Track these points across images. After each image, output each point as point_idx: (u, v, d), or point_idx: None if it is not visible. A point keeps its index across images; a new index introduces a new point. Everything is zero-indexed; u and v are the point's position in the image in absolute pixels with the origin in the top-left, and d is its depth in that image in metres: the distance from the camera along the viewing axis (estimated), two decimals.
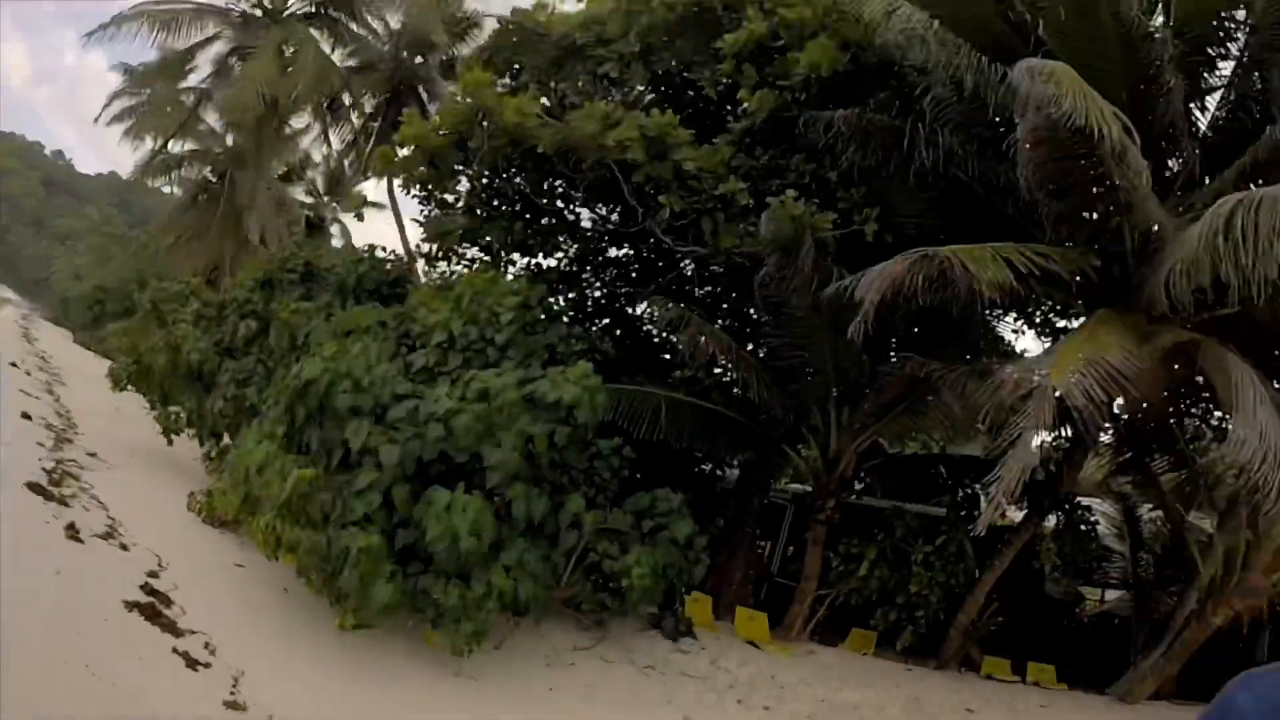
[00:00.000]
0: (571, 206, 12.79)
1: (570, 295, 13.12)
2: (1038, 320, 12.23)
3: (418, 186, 12.29)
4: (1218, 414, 10.82)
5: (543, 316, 10.87)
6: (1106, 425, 8.87)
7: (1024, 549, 11.01)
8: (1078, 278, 8.85)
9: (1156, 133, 8.75)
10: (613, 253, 13.32)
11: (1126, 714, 9.86)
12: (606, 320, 13.14)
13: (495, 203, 12.39)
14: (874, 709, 9.17)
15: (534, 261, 13.06)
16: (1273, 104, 8.84)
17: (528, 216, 12.39)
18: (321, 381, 8.45)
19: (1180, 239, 7.63)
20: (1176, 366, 9.03)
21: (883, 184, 10.42)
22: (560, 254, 13.21)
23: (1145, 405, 8.79)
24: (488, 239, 12.23)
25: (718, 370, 12.03)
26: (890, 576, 11.36)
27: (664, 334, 12.91)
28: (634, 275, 13.33)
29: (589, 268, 13.55)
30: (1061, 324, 12.20)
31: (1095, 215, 8.91)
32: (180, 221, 27.68)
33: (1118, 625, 12.72)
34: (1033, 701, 10.07)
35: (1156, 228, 8.15)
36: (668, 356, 12.94)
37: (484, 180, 12.08)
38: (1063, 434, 10.56)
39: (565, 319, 11.49)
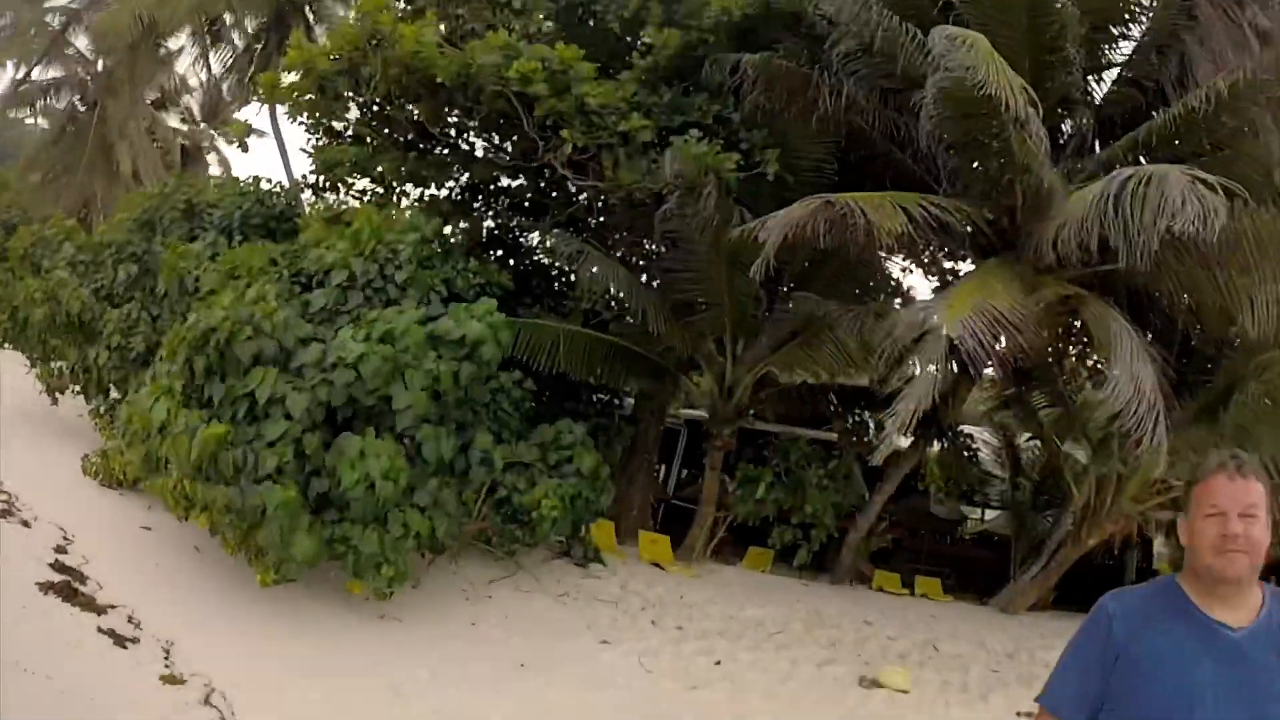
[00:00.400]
0: (466, 136, 12.44)
1: (463, 226, 12.90)
2: (926, 260, 12.82)
3: (304, 114, 11.68)
4: (1093, 358, 11.80)
5: (439, 250, 10.73)
6: (990, 363, 9.54)
7: (911, 472, 11.84)
8: (969, 228, 9.37)
9: (1054, 98, 9.27)
10: (505, 182, 13.10)
11: (1008, 623, 10.89)
12: (500, 251, 12.98)
13: (387, 131, 11.92)
14: (779, 624, 9.76)
15: (426, 193, 12.73)
16: (1166, 85, 9.47)
17: (421, 147, 12.00)
18: (223, 330, 8.11)
19: (1071, 200, 8.19)
20: (1058, 314, 9.78)
21: (785, 127, 10.61)
22: (451, 183, 12.90)
23: (1028, 348, 9.46)
24: (379, 170, 11.82)
25: (614, 303, 12.17)
26: (786, 498, 12.02)
27: (560, 266, 12.90)
28: (527, 205, 13.19)
29: (480, 197, 13.32)
30: (949, 265, 12.87)
31: (990, 171, 9.39)
32: (46, 157, 25.48)
33: (997, 543, 13.93)
34: (923, 612, 10.98)
35: (1048, 187, 8.65)
36: (563, 288, 12.97)
37: (375, 108, 11.60)
38: (951, 369, 11.29)
39: (461, 250, 11.32)
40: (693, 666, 8.53)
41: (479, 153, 12.56)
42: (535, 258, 13.37)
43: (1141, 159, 9.12)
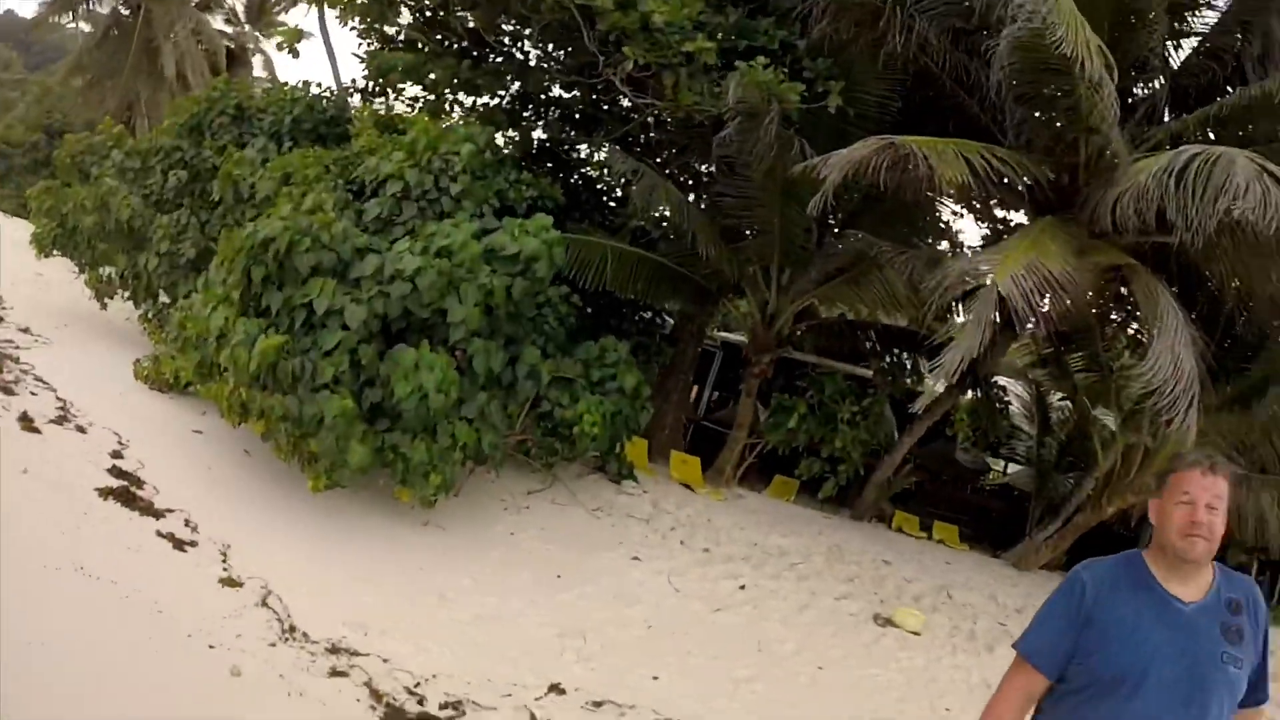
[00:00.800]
0: (521, 45, 12.22)
1: (513, 136, 12.81)
2: (978, 207, 12.66)
3: (356, 18, 11.47)
4: (1134, 328, 11.75)
5: (492, 160, 10.68)
6: (1035, 321, 9.57)
7: (940, 418, 11.98)
8: (1029, 183, 9.26)
9: (1130, 60, 8.98)
10: (558, 93, 12.92)
11: (1020, 579, 11.19)
12: (550, 164, 12.86)
13: (440, 38, 11.72)
14: (801, 554, 10.11)
15: (479, 101, 12.59)
16: (1246, 61, 9.15)
17: (475, 54, 11.80)
18: (282, 240, 8.22)
19: (1135, 168, 8.06)
20: (1107, 281, 9.71)
21: (850, 60, 10.35)
22: (503, 92, 12.75)
23: (1073, 310, 9.45)
24: (432, 76, 11.67)
25: (664, 223, 12.16)
26: (817, 431, 12.19)
27: (610, 182, 12.83)
28: (579, 118, 13.03)
29: (531, 106, 13.17)
30: (1000, 214, 12.68)
31: (1057, 128, 9.20)
32: (90, 61, 25.12)
33: (1016, 497, 14.14)
34: (939, 558, 11.28)
35: (1113, 152, 8.51)
36: (612, 203, 12.93)
37: (429, 13, 11.40)
38: (995, 321, 11.34)
39: (513, 162, 11.30)
40: (718, 589, 8.88)
41: (532, 62, 12.37)
42: (585, 172, 13.28)
43: (1211, 135, 8.92)
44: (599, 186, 13.12)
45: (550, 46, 12.10)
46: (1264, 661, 2.62)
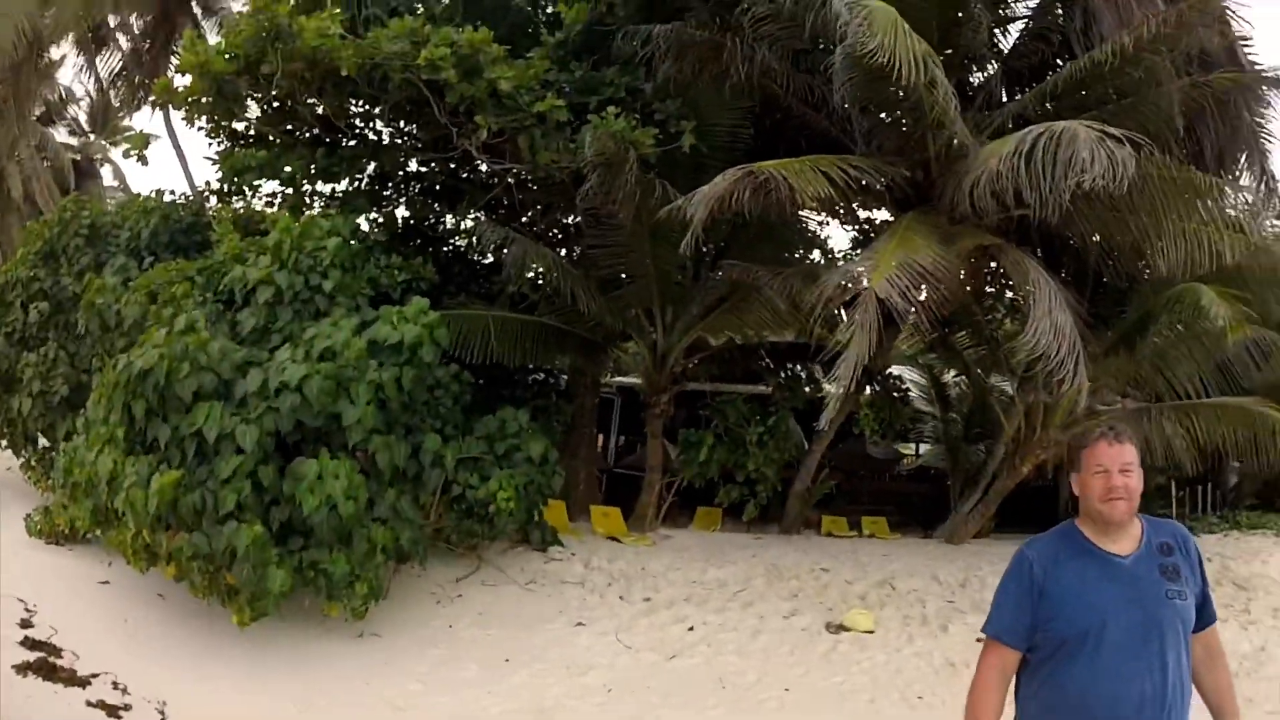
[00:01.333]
0: (373, 125, 12.08)
1: (376, 218, 12.60)
2: (841, 213, 13.12)
3: (202, 117, 11.12)
4: (1010, 295, 12.41)
5: (360, 247, 10.45)
6: (915, 312, 9.97)
7: (845, 418, 12.28)
8: (887, 184, 9.68)
9: (962, 53, 9.54)
10: (415, 167, 12.81)
11: (955, 554, 11.51)
12: (418, 241, 12.71)
13: (290, 129, 11.48)
14: (740, 582, 10.14)
15: (337, 189, 12.35)
16: (1071, 36, 9.86)
17: (328, 141, 11.61)
18: (160, 370, 7.82)
19: (984, 154, 8.54)
20: (977, 261, 10.23)
21: (698, 96, 10.66)
22: (360, 174, 12.55)
23: (950, 295, 9.90)
24: (288, 170, 11.40)
25: (541, 284, 12.15)
26: (729, 457, 12.32)
27: (481, 251, 12.76)
28: (440, 190, 12.94)
29: (390, 185, 13.00)
30: (864, 215, 13.21)
31: (903, 129, 9.67)
32: None
33: (935, 476, 14.63)
34: (875, 552, 11.49)
35: (959, 142, 8.98)
36: (485, 272, 12.84)
37: (277, 105, 11.14)
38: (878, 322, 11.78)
39: (380, 246, 11.10)
40: (667, 636, 8.83)
41: (386, 140, 12.23)
42: (454, 244, 13.14)
43: (1049, 107, 9.54)
44: (471, 257, 13.01)
45: (402, 123, 12.02)
46: (1205, 587, 2.90)
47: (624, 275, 11.75)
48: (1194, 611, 2.82)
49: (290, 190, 11.71)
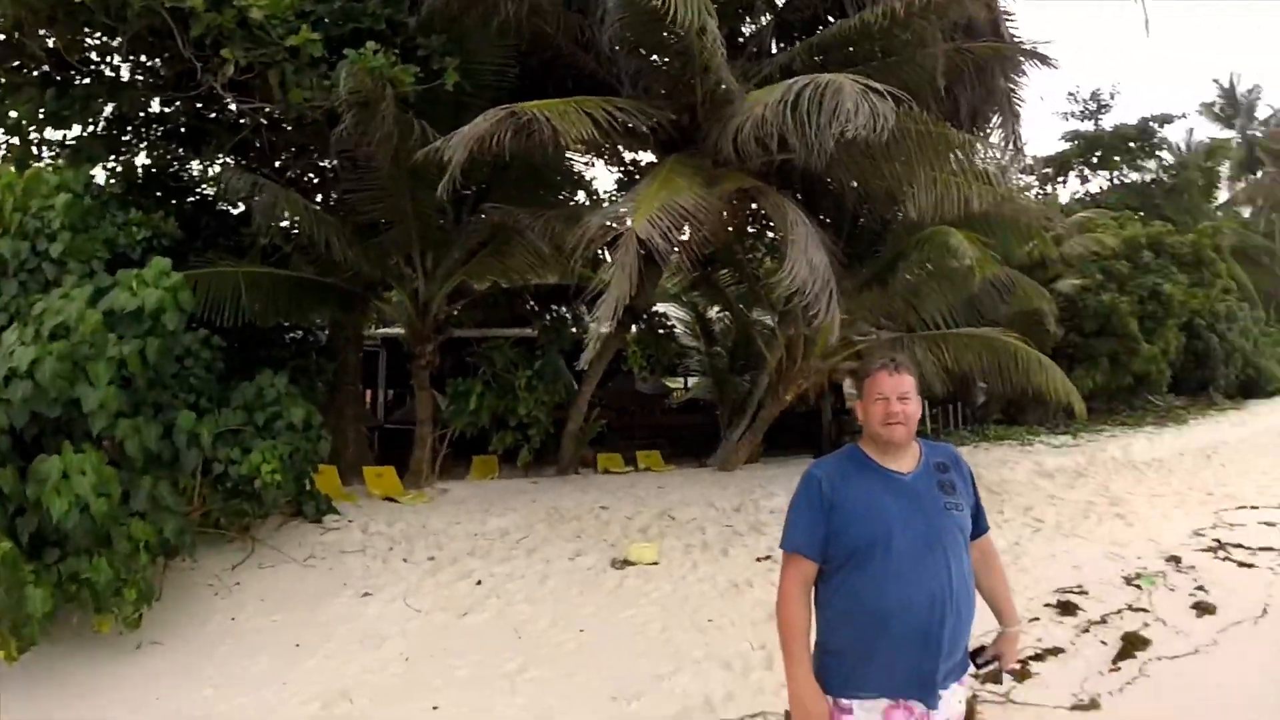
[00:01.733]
0: (111, 60, 10.53)
1: (113, 167, 11.09)
2: (606, 155, 13.08)
3: None
4: (770, 235, 12.98)
5: (94, 203, 9.25)
6: (678, 252, 10.24)
7: (614, 356, 12.51)
8: (653, 126, 9.76)
9: (736, 2, 9.65)
10: (158, 108, 11.36)
11: (728, 480, 12.16)
12: (160, 193, 11.34)
13: (18, 65, 9.82)
14: (523, 529, 10.27)
15: (67, 136, 10.72)
16: None
17: (59, 80, 10.04)
18: None
19: (750, 99, 8.81)
20: (738, 203, 10.60)
21: (464, 32, 10.17)
22: (94, 118, 10.96)
23: (711, 236, 10.23)
24: (13, 115, 9.77)
25: (295, 234, 11.29)
26: (499, 404, 12.27)
27: (231, 200, 11.60)
28: (185, 133, 11.58)
29: (130, 129, 11.45)
30: (630, 157, 13.24)
31: (671, 72, 9.74)
32: None
33: (704, 407, 15.24)
34: (651, 485, 11.92)
35: (726, 88, 9.18)
36: (235, 222, 11.73)
37: (2, 39, 9.48)
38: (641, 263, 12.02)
39: (117, 201, 9.83)
40: (456, 593, 8.78)
41: (125, 77, 10.74)
42: (201, 193, 11.87)
43: (817, 60, 9.96)
44: (220, 208, 11.79)
45: (143, 58, 10.61)
46: (977, 500, 3.27)
47: (383, 221, 11.24)
48: (970, 521, 3.18)
49: (16, 140, 10.05)
